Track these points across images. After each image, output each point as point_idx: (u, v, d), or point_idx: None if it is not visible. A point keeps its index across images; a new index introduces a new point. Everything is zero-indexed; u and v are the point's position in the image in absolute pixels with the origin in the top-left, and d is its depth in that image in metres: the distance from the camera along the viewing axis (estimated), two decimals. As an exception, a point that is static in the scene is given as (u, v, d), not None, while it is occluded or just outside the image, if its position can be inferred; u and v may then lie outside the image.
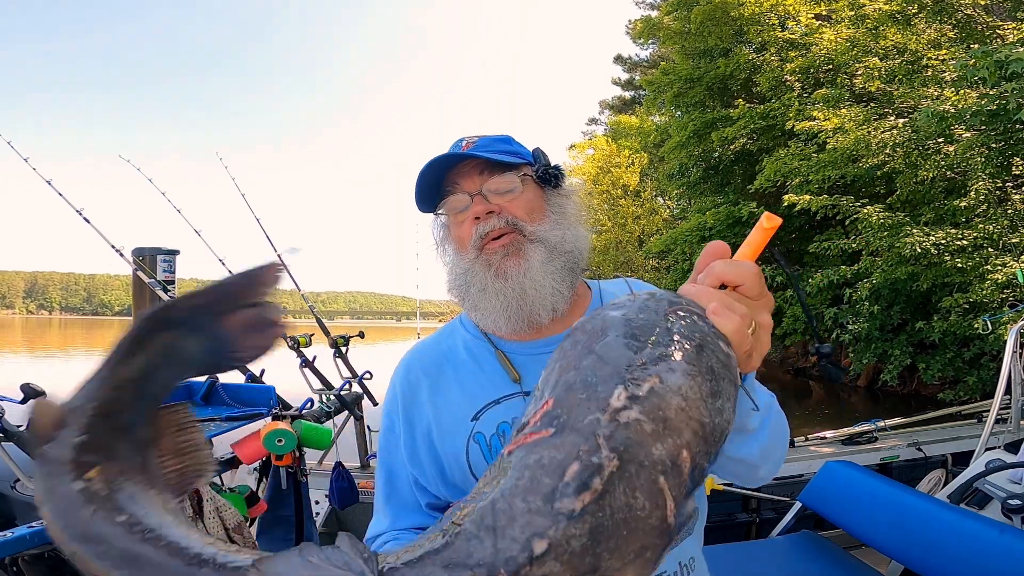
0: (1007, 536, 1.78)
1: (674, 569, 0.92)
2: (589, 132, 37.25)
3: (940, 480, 3.20)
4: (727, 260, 0.61)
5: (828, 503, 2.47)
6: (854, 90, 10.93)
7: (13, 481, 2.02)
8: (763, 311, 0.61)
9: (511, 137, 1.01)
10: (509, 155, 0.94)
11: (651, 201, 27.03)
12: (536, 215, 0.94)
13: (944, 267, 8.25)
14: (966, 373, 9.52)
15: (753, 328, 0.58)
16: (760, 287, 0.61)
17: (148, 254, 2.54)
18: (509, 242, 0.91)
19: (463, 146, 0.95)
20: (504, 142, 0.98)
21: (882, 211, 9.02)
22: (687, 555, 0.95)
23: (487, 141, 0.96)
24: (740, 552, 2.38)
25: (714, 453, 0.49)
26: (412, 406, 0.98)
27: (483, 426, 0.91)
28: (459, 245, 0.96)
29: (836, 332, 11.31)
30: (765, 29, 13.31)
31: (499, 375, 0.93)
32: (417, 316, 4.30)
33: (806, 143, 11.21)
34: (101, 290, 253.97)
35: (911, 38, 9.59)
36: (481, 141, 0.96)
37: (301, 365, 2.78)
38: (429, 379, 0.98)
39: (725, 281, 0.60)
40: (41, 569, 1.75)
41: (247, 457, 2.04)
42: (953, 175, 8.85)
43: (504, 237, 0.91)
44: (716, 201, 15.26)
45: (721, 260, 0.61)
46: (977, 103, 7.05)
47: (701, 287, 0.59)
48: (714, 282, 0.60)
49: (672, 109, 17.83)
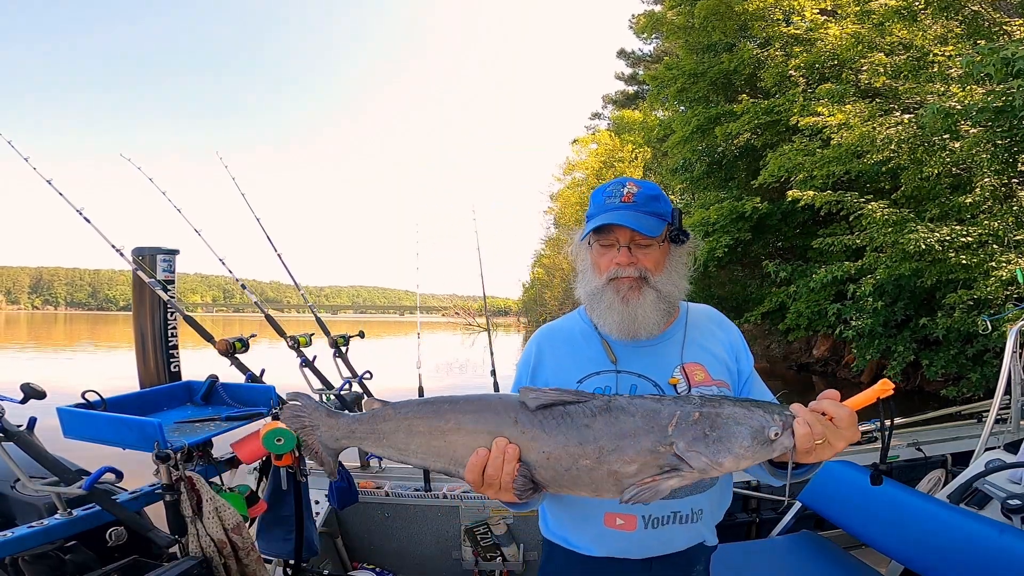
0: (1007, 536, 1.78)
1: (687, 511, 1.27)
2: (592, 126, 37.22)
3: (940, 480, 3.19)
4: (834, 400, 0.99)
5: (828, 503, 2.47)
6: (859, 86, 10.87)
7: (13, 481, 2.03)
8: (840, 440, 0.97)
9: (661, 191, 1.33)
10: (658, 216, 1.28)
11: (655, 196, 26.95)
12: (660, 267, 1.30)
13: (948, 263, 8.21)
14: (970, 370, 9.48)
15: (822, 443, 0.96)
16: (847, 425, 0.97)
17: (148, 253, 2.54)
18: (635, 283, 1.27)
19: (624, 195, 1.28)
20: (657, 200, 1.30)
21: (887, 207, 8.98)
22: (699, 506, 1.29)
23: (645, 198, 1.29)
24: (740, 552, 2.38)
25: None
26: (539, 366, 1.38)
27: (585, 386, 1.29)
28: (595, 267, 1.33)
29: (839, 328, 11.28)
30: (770, 24, 13.24)
31: (602, 356, 1.33)
32: (417, 313, 4.30)
33: (810, 139, 11.15)
34: (106, 285, 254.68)
35: (917, 34, 9.53)
36: (639, 195, 1.28)
37: (301, 365, 2.78)
38: (552, 349, 1.40)
39: (824, 411, 0.98)
40: (41, 569, 1.76)
41: (246, 457, 2.05)
42: (958, 171, 8.80)
43: (632, 279, 1.27)
44: (720, 196, 15.21)
45: (830, 400, 0.99)
46: (983, 99, 7.00)
47: (807, 409, 0.98)
48: (817, 407, 0.99)
49: (676, 104, 17.77)
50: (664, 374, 1.30)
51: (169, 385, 2.43)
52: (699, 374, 1.31)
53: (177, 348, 2.67)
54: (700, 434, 0.96)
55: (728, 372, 1.35)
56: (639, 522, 1.26)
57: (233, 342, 2.46)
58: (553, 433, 1.01)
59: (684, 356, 1.33)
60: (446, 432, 1.08)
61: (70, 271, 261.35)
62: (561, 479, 1.02)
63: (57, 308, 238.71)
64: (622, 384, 1.30)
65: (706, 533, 1.33)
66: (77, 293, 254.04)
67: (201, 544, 1.75)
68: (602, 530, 1.29)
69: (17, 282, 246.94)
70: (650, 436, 0.97)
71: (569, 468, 1.00)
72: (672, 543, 1.30)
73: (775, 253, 15.57)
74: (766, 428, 0.96)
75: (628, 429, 0.99)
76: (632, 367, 1.32)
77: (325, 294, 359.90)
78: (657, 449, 0.97)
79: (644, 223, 1.25)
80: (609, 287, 1.28)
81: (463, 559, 2.86)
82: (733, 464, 0.96)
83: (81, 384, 2.05)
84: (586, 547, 1.33)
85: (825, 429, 0.96)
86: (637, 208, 1.27)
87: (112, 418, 1.84)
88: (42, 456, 1.76)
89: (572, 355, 1.36)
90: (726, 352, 1.38)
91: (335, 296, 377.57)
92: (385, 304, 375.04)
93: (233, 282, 3.13)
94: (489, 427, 1.05)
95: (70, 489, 1.66)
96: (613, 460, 0.98)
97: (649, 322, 1.27)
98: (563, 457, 1.00)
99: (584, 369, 1.33)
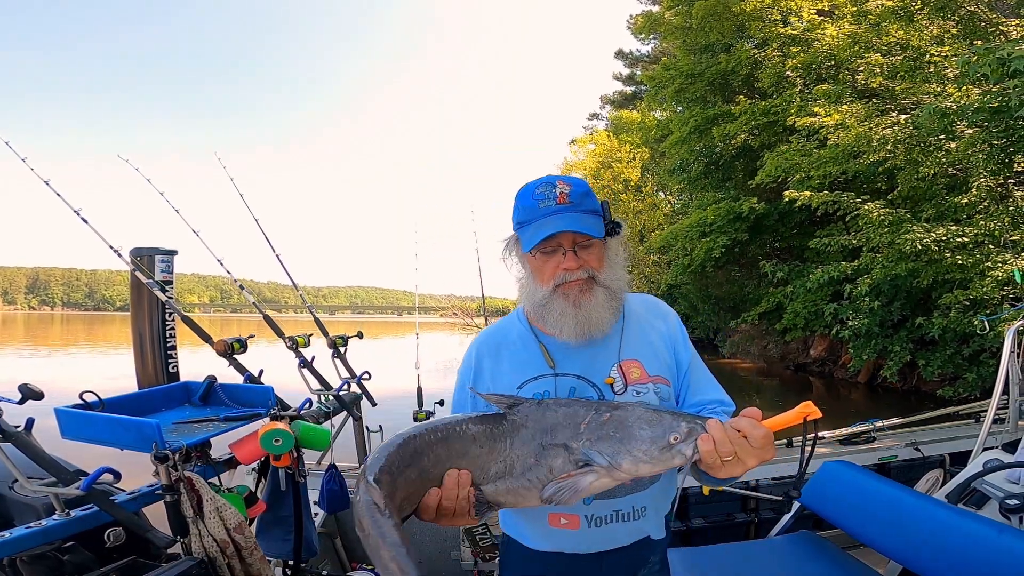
0: (1005, 536, 1.78)
1: (628, 510, 1.30)
2: (590, 127, 37.24)
3: (938, 480, 3.20)
4: (752, 420, 0.98)
5: (826, 503, 2.47)
6: (856, 86, 10.89)
7: (11, 482, 2.02)
8: (751, 457, 0.97)
9: (589, 187, 1.31)
10: (595, 213, 1.27)
11: (652, 196, 26.97)
12: (603, 263, 1.29)
13: (945, 264, 8.23)
14: (966, 370, 9.52)
15: (731, 460, 0.97)
16: (761, 445, 0.97)
17: (146, 254, 2.53)
18: (584, 285, 1.26)
19: (558, 196, 1.24)
20: (590, 196, 1.27)
21: (883, 207, 9.00)
22: (640, 504, 1.31)
23: (578, 195, 1.25)
24: (739, 552, 2.38)
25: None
26: (479, 374, 1.37)
27: (525, 392, 1.29)
28: (539, 277, 1.30)
29: (836, 328, 11.31)
30: (767, 25, 13.26)
31: (540, 360, 1.32)
32: (416, 313, 4.30)
33: (807, 139, 11.17)
34: (103, 286, 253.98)
35: (913, 34, 9.55)
36: (573, 194, 1.25)
37: (300, 365, 2.77)
38: (490, 357, 1.38)
39: (740, 430, 0.97)
40: (39, 570, 1.75)
41: (245, 457, 2.04)
42: (954, 172, 8.82)
43: (581, 281, 1.26)
44: (717, 197, 15.27)
45: (749, 419, 0.98)
46: (979, 100, 7.02)
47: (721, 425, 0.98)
48: (735, 424, 0.98)
49: (673, 104, 17.82)
50: (602, 374, 1.31)
51: (167, 386, 2.42)
52: (635, 371, 1.31)
53: (175, 349, 2.66)
54: (606, 435, 1.01)
55: (666, 366, 1.35)
56: (582, 521, 1.29)
57: (231, 343, 2.46)
58: (502, 441, 1.07)
59: (622, 354, 1.32)
60: (425, 467, 1.08)
61: (67, 271, 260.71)
62: (516, 486, 1.06)
63: (54, 308, 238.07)
64: (560, 387, 1.30)
65: (650, 528, 1.36)
66: (74, 293, 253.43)
67: (204, 544, 1.74)
68: (548, 529, 1.33)
69: (14, 282, 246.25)
70: (566, 432, 1.03)
71: (522, 471, 1.05)
72: (617, 539, 1.33)
73: (772, 253, 15.61)
74: (667, 435, 0.98)
75: (551, 425, 1.05)
76: (570, 369, 1.31)
77: (323, 294, 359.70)
78: (571, 446, 1.02)
79: (587, 224, 1.23)
80: (557, 294, 1.26)
81: (462, 559, 2.86)
82: (632, 466, 0.99)
83: (79, 385, 2.04)
84: (536, 543, 1.37)
85: (737, 447, 0.96)
86: (576, 208, 1.24)
87: (110, 419, 1.83)
88: (40, 457, 1.75)
89: (511, 361, 1.35)
90: (664, 344, 1.37)
91: (333, 296, 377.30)
92: (383, 304, 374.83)
93: (230, 282, 3.12)
94: (458, 452, 1.09)
95: (68, 490, 1.65)
96: (545, 455, 1.04)
97: (603, 320, 1.27)
98: (515, 460, 1.06)
99: (523, 374, 1.32)
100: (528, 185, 1.31)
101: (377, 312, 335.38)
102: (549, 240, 1.23)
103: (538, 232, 1.23)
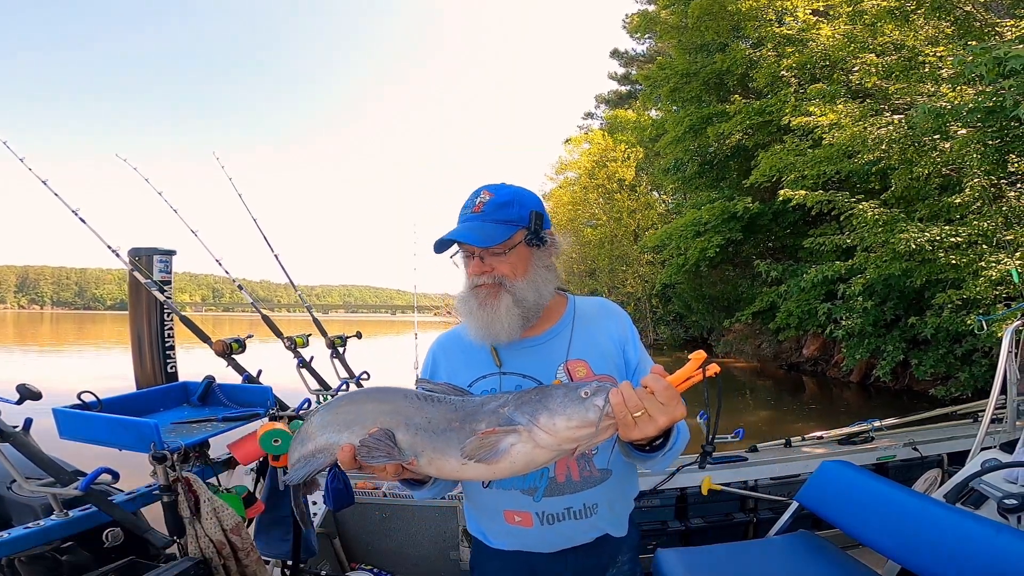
0: (1003, 535, 1.78)
1: (579, 507, 1.33)
2: (585, 126, 37.28)
3: (936, 480, 3.21)
4: (655, 375, 1.01)
5: (825, 503, 2.47)
6: (850, 86, 10.92)
7: (10, 482, 2.01)
8: (661, 414, 0.99)
9: (518, 196, 1.35)
10: (507, 223, 1.31)
11: (646, 195, 27.03)
12: (518, 271, 1.33)
13: (938, 263, 8.25)
14: (958, 369, 9.56)
15: (641, 415, 0.99)
16: (667, 399, 0.99)
17: (144, 254, 2.52)
18: (490, 290, 1.32)
19: (476, 205, 1.32)
20: (508, 207, 1.32)
21: (877, 207, 9.02)
22: (592, 501, 1.34)
23: (494, 206, 1.32)
24: (738, 552, 2.38)
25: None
26: (436, 372, 1.46)
27: (474, 390, 1.35)
28: (466, 276, 1.37)
29: (829, 328, 11.35)
30: (762, 24, 13.26)
31: (488, 359, 1.39)
32: (414, 311, 4.30)
33: (802, 139, 11.20)
34: (93, 284, 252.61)
35: (909, 35, 9.58)
36: (489, 204, 1.32)
37: (298, 365, 2.76)
38: (445, 356, 1.47)
39: (645, 384, 1.01)
40: (38, 570, 1.74)
41: (244, 458, 2.03)
42: (948, 172, 8.85)
43: (488, 286, 1.32)
44: (711, 196, 15.29)
45: (653, 375, 1.02)
46: (974, 100, 7.04)
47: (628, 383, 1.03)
48: (642, 381, 1.02)
49: (668, 104, 17.82)
50: (548, 373, 1.35)
51: (166, 386, 2.41)
52: (581, 370, 1.34)
53: (174, 349, 2.65)
54: (528, 399, 1.08)
55: (614, 366, 1.38)
56: (534, 519, 1.33)
57: (230, 343, 2.45)
58: (434, 405, 1.13)
59: (569, 354, 1.36)
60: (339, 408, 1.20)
61: (56, 270, 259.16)
62: (437, 442, 1.10)
63: (43, 307, 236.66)
64: (506, 385, 1.35)
65: (607, 526, 1.38)
66: (63, 292, 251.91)
67: (200, 545, 1.73)
68: (505, 527, 1.37)
69: (3, 281, 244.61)
70: (496, 401, 1.10)
71: (445, 430, 1.09)
72: (574, 537, 1.36)
73: (766, 253, 15.66)
74: (579, 389, 1.04)
75: (484, 401, 1.13)
76: (517, 368, 1.37)
77: (316, 293, 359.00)
78: (498, 411, 1.08)
79: (482, 233, 1.29)
80: (471, 294, 1.34)
81: (461, 559, 2.85)
82: (548, 420, 1.03)
83: (77, 385, 2.03)
84: (497, 541, 1.41)
85: (645, 402, 0.99)
86: (483, 218, 1.31)
87: (108, 419, 1.83)
88: (38, 457, 1.74)
89: (464, 360, 1.42)
90: (613, 344, 1.40)
91: (326, 295, 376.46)
92: (377, 303, 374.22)
93: (222, 281, 3.13)
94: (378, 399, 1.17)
95: (66, 490, 1.64)
96: (472, 421, 1.09)
97: (505, 325, 1.31)
98: (441, 420, 1.10)
99: (473, 373, 1.39)
100: (474, 190, 1.40)
101: (371, 311, 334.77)
102: (463, 245, 1.33)
103: (439, 239, 1.32)
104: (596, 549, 1.39)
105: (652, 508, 3.11)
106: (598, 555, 1.39)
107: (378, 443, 1.09)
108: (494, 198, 1.33)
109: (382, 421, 1.12)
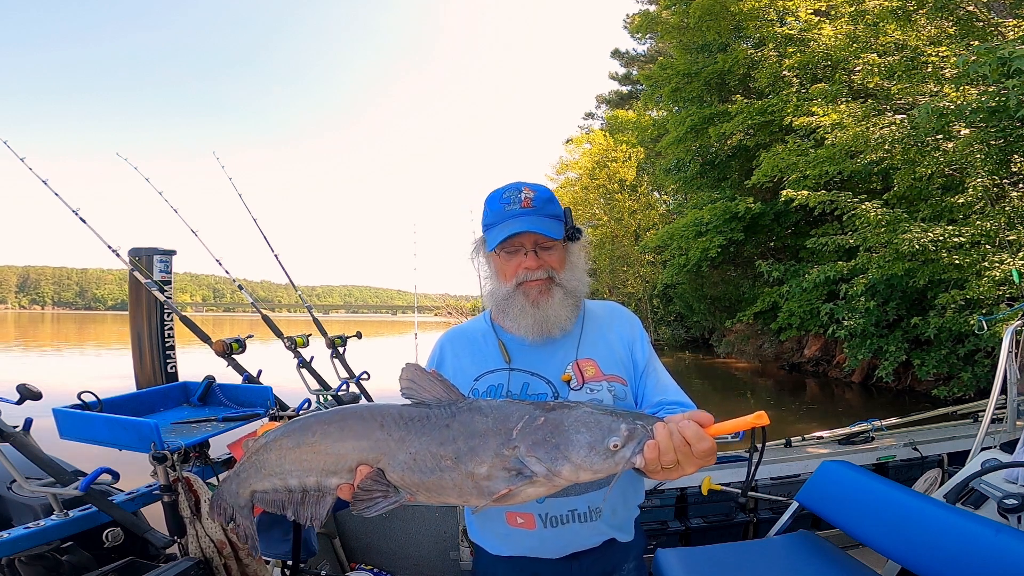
0: (1003, 535, 1.78)
1: (585, 509, 1.31)
2: (586, 126, 37.22)
3: (936, 480, 3.21)
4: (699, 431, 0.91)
5: (825, 503, 2.47)
6: (852, 86, 10.90)
7: (10, 482, 2.01)
8: (691, 464, 0.92)
9: (552, 194, 1.38)
10: (557, 218, 1.35)
11: (647, 196, 26.99)
12: (563, 265, 1.37)
13: (941, 264, 8.24)
14: (960, 369, 9.55)
15: (671, 468, 0.92)
16: (703, 453, 0.91)
17: (144, 254, 2.52)
18: (544, 285, 1.33)
19: (523, 200, 1.33)
20: (552, 202, 1.36)
21: (879, 207, 9.01)
22: (596, 504, 1.31)
23: (543, 201, 1.34)
24: (737, 552, 2.38)
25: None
26: (442, 364, 1.46)
27: (480, 384, 1.37)
28: (501, 275, 1.38)
29: (831, 328, 11.33)
30: (764, 24, 13.25)
31: (497, 355, 1.39)
32: (415, 312, 4.30)
33: (804, 139, 11.18)
34: (94, 284, 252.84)
35: (911, 34, 9.56)
36: (537, 199, 1.33)
37: (298, 365, 2.77)
38: (453, 350, 1.47)
39: (687, 440, 0.90)
40: (38, 570, 1.74)
41: (244, 458, 2.03)
42: (951, 172, 8.84)
43: (541, 281, 1.33)
44: (713, 196, 15.27)
45: (695, 423, 0.91)
46: (977, 100, 7.03)
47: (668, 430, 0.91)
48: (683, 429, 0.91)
49: (669, 104, 17.79)
50: (558, 371, 1.34)
51: (166, 386, 2.41)
52: (590, 369, 1.34)
53: (174, 349, 2.65)
54: (541, 439, 0.93)
55: (622, 366, 1.38)
56: (537, 521, 1.31)
57: (230, 343, 2.45)
58: (417, 434, 0.99)
59: (579, 353, 1.36)
60: (313, 444, 1.05)
61: (57, 270, 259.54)
62: (428, 482, 0.98)
63: (44, 307, 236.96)
64: (514, 381, 1.35)
65: (611, 531, 1.35)
66: (64, 292, 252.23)
67: (201, 545, 1.74)
68: (507, 529, 1.35)
69: (4, 281, 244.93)
70: (497, 438, 0.95)
71: (433, 469, 0.97)
72: (578, 542, 1.33)
73: (768, 253, 15.64)
74: (607, 439, 0.90)
75: (480, 430, 0.97)
76: (525, 365, 1.36)
77: (317, 293, 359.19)
78: (502, 452, 0.94)
79: (548, 226, 1.31)
80: (519, 292, 1.34)
81: (460, 559, 2.85)
82: (572, 474, 0.91)
83: (77, 385, 2.03)
84: (497, 548, 1.39)
85: (679, 455, 0.90)
86: (538, 212, 1.32)
87: (108, 419, 1.83)
88: (38, 457, 1.74)
89: (471, 355, 1.42)
90: (621, 345, 1.41)
91: (327, 295, 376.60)
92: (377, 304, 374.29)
93: (223, 281, 3.14)
94: (355, 433, 1.03)
95: (66, 490, 1.64)
96: (468, 460, 0.95)
97: (560, 319, 1.34)
98: (427, 457, 0.97)
99: (480, 367, 1.39)
100: (497, 190, 1.38)
101: (371, 311, 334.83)
102: (512, 240, 1.32)
103: (502, 232, 1.31)
104: (602, 555, 1.36)
105: (652, 508, 3.11)
106: (604, 561, 1.36)
107: (374, 487, 0.99)
108: (539, 194, 1.35)
109: (365, 460, 1.01)
